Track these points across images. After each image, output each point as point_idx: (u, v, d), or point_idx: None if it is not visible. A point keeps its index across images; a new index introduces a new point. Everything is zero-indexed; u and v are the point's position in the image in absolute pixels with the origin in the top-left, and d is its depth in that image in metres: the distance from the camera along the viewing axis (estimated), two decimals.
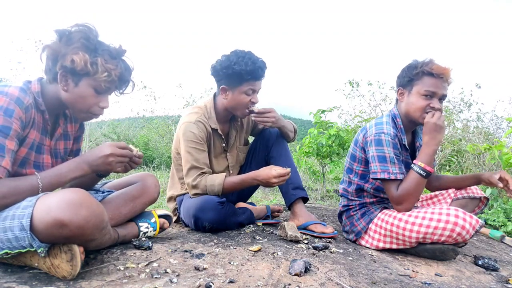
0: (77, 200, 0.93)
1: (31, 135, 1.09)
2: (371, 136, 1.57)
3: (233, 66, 1.61)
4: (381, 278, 1.21)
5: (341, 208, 1.79)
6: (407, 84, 1.58)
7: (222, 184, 1.62)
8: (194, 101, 6.92)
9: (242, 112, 1.72)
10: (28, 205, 0.93)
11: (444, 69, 1.50)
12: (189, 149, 1.64)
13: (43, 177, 1.05)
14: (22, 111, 1.03)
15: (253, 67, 1.61)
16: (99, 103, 1.14)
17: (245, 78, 1.62)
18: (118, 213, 1.29)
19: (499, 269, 1.46)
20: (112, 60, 1.10)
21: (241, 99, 1.68)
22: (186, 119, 1.69)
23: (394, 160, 1.52)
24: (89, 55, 1.06)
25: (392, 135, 1.54)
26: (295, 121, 2.05)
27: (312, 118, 3.65)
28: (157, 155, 6.23)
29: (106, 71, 1.08)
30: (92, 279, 1.00)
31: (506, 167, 2.67)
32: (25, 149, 1.08)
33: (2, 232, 0.94)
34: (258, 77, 1.66)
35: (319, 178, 4.27)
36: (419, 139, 1.71)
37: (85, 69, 1.06)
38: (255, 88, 1.68)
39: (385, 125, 1.58)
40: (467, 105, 4.97)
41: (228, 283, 1.02)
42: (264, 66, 1.67)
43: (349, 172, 1.74)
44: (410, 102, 1.56)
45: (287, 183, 1.77)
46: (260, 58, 1.67)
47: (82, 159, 1.11)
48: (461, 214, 1.39)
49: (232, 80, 1.65)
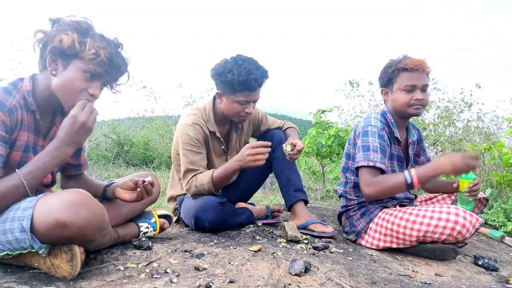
0: (77, 201, 0.93)
1: (22, 137, 1.05)
2: (359, 129, 1.63)
3: (226, 74, 1.56)
4: (381, 278, 1.21)
5: (340, 209, 1.79)
6: (388, 83, 1.66)
7: (211, 180, 1.59)
8: (194, 101, 6.91)
9: (237, 119, 1.69)
10: (28, 207, 0.93)
11: (418, 61, 1.57)
12: (185, 151, 1.64)
13: (25, 173, 0.98)
14: (5, 114, 0.98)
15: (246, 78, 1.53)
16: (88, 89, 1.07)
17: (236, 88, 1.56)
18: (118, 213, 1.29)
19: (499, 269, 1.46)
20: (102, 41, 1.06)
21: (234, 108, 1.63)
22: (183, 121, 1.69)
23: (377, 149, 1.53)
24: (78, 35, 1.03)
25: (379, 127, 1.59)
26: (295, 121, 2.05)
27: (312, 118, 3.65)
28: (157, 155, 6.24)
29: (94, 49, 1.03)
30: (92, 279, 1.00)
31: (506, 167, 2.67)
32: (18, 153, 1.04)
33: (2, 234, 0.93)
34: (251, 88, 1.57)
35: (319, 178, 4.27)
36: (412, 136, 1.76)
37: (72, 47, 1.01)
38: (248, 99, 1.61)
39: (373, 119, 1.63)
40: (468, 105, 4.97)
41: (228, 283, 1.02)
42: (261, 78, 1.58)
43: (345, 171, 1.76)
44: (394, 99, 1.63)
45: (288, 184, 1.77)
46: (260, 67, 1.59)
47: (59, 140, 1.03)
48: (461, 212, 1.39)
49: (225, 88, 1.61)
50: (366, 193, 1.51)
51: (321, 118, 3.60)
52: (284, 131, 1.90)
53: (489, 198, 2.57)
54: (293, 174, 1.79)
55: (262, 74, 1.59)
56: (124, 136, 6.81)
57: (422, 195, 1.99)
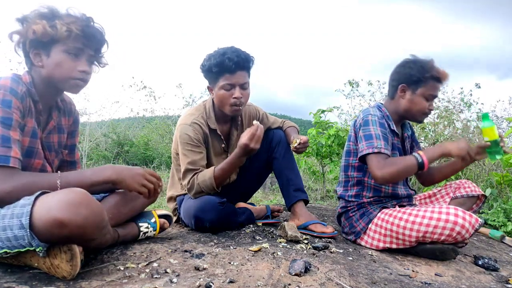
0: (76, 200, 0.93)
1: (30, 124, 1.10)
2: (359, 121, 1.62)
3: (205, 63, 1.61)
4: (381, 278, 1.21)
5: (339, 210, 1.78)
6: (413, 83, 1.59)
7: (213, 175, 1.59)
8: (194, 101, 6.92)
9: (229, 110, 1.65)
10: (27, 203, 0.93)
11: (447, 75, 1.58)
12: (184, 151, 1.64)
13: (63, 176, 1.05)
14: (19, 100, 1.04)
15: (220, 59, 1.54)
16: (76, 67, 1.12)
17: (214, 71, 1.58)
18: (118, 213, 1.29)
19: (499, 269, 1.46)
20: (70, 17, 1.10)
21: (221, 95, 1.62)
22: (182, 121, 1.69)
23: (380, 137, 1.53)
24: (47, 21, 1.07)
25: (378, 115, 1.59)
26: (295, 121, 2.04)
27: (312, 118, 3.65)
28: (157, 155, 6.24)
29: (65, 26, 1.08)
30: (92, 279, 1.00)
31: (506, 167, 2.67)
32: (27, 138, 1.09)
33: (1, 230, 0.93)
34: (228, 69, 1.55)
35: (319, 178, 4.27)
36: (407, 130, 1.77)
37: (45, 33, 1.06)
38: (231, 82, 1.58)
39: (371, 109, 1.63)
40: (467, 105, 4.97)
41: (228, 283, 1.02)
42: (236, 57, 1.55)
43: (346, 169, 1.74)
44: (413, 102, 1.60)
45: (288, 184, 1.77)
46: (238, 50, 1.58)
47: (109, 165, 1.13)
48: (460, 213, 1.39)
49: (209, 77, 1.65)
50: (379, 176, 1.48)
51: (321, 118, 3.60)
52: (284, 131, 1.90)
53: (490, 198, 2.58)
54: (293, 174, 1.79)
55: (238, 54, 1.56)
56: (124, 136, 6.81)
57: (421, 193, 1.99)
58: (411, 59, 1.63)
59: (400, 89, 1.63)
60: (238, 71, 1.58)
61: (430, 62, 1.57)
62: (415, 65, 1.59)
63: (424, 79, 1.56)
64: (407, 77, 1.60)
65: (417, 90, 1.58)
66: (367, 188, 1.68)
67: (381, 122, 1.58)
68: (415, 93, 1.59)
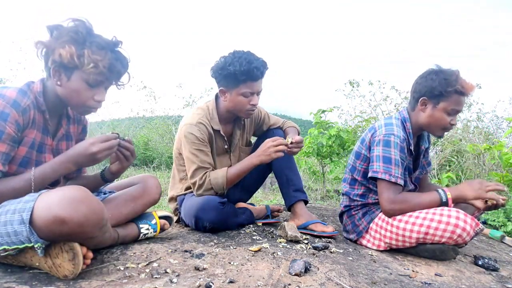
0: (77, 197, 0.94)
1: (31, 134, 1.11)
2: (380, 136, 1.54)
3: (227, 67, 1.58)
4: (381, 278, 1.21)
5: (342, 208, 1.78)
6: (435, 97, 1.51)
7: (225, 176, 1.62)
8: (194, 101, 6.91)
9: (244, 114, 1.69)
10: (30, 200, 0.94)
11: (473, 87, 1.50)
12: (193, 150, 1.63)
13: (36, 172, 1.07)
14: (19, 114, 1.05)
15: (247, 67, 1.55)
16: (93, 96, 1.13)
17: (239, 79, 1.58)
18: (119, 213, 1.29)
19: (499, 269, 1.46)
20: (100, 51, 1.09)
21: (239, 101, 1.64)
22: (187, 121, 1.68)
23: (399, 163, 1.50)
24: (76, 48, 1.06)
25: (401, 138, 1.52)
26: (295, 121, 2.04)
27: (312, 118, 3.65)
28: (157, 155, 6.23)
29: (93, 62, 1.07)
30: (92, 279, 1.00)
31: (506, 167, 2.67)
32: (24, 148, 1.10)
33: (2, 225, 0.94)
34: (254, 77, 1.59)
35: (319, 178, 4.27)
36: (424, 143, 1.71)
37: (72, 62, 1.06)
38: (252, 90, 1.62)
39: (395, 127, 1.54)
40: (467, 105, 4.97)
41: (228, 283, 1.02)
42: (262, 66, 1.60)
43: (352, 170, 1.73)
44: (435, 116, 1.53)
45: (288, 184, 1.77)
46: (259, 58, 1.61)
47: (67, 158, 1.10)
48: (462, 216, 1.39)
49: (229, 82, 1.62)
50: (387, 209, 1.50)
51: (321, 118, 3.60)
52: (284, 131, 1.90)
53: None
54: (293, 174, 1.79)
55: (263, 63, 1.61)
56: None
57: None
58: (434, 69, 1.55)
59: (421, 102, 1.55)
60: (260, 79, 1.63)
61: (454, 74, 1.49)
62: (438, 77, 1.50)
63: (446, 93, 1.47)
64: (428, 90, 1.52)
65: (439, 104, 1.50)
66: (374, 191, 1.66)
67: (402, 146, 1.51)
68: (436, 107, 1.51)
